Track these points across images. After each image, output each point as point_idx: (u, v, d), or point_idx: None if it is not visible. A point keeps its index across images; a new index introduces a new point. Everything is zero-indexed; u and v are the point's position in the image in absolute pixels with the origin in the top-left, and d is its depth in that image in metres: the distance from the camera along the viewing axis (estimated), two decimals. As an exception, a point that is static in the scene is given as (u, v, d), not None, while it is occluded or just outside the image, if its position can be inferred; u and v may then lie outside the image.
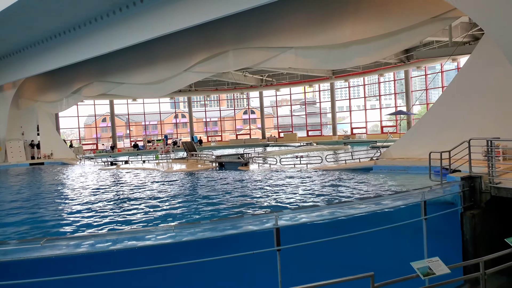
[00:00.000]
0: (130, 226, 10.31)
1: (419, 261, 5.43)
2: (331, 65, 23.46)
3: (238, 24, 21.69)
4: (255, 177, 17.95)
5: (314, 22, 19.41)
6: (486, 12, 11.42)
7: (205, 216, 10.98)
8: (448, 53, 20.96)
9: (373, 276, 5.04)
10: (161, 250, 6.81)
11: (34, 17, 21.02)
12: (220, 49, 23.47)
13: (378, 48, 18.91)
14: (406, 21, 16.84)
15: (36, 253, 6.13)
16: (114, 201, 13.89)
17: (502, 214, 9.40)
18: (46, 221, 11.46)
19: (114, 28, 21.16)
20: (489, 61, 14.08)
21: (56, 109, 35.88)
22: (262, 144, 41.72)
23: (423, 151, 14.51)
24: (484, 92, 14.37)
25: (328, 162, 20.86)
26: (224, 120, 53.48)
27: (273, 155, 26.21)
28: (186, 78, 26.90)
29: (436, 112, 16.36)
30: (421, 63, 32.35)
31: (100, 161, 29.66)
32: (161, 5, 18.71)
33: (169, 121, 59.20)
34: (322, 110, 50.18)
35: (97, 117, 48.10)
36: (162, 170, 22.62)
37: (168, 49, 25.54)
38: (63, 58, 25.09)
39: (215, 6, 17.11)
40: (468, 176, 9.57)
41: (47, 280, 5.86)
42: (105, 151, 41.35)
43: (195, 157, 27.41)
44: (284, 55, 21.46)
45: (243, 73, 39.66)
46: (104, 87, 31.05)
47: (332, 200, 11.95)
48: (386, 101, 53.24)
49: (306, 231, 7.78)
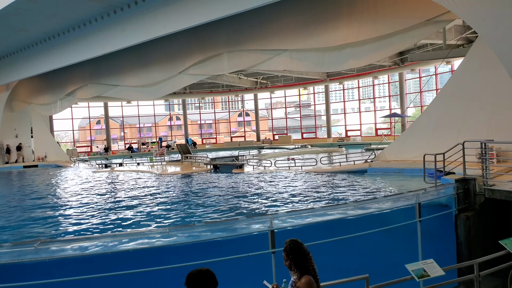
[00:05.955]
0: (125, 229, 10.27)
1: (414, 263, 5.44)
2: (326, 67, 23.43)
3: (232, 27, 21.68)
4: (249, 179, 17.94)
5: (308, 25, 19.44)
6: (480, 14, 11.47)
7: (200, 219, 10.96)
8: (442, 55, 21.04)
9: (367, 278, 5.05)
10: (156, 253, 6.79)
11: (27, 19, 20.90)
12: (215, 52, 23.45)
13: (372, 51, 18.96)
14: (400, 24, 16.89)
15: (30, 256, 6.10)
16: (108, 204, 13.84)
17: (496, 216, 9.45)
18: (40, 224, 11.39)
19: (109, 30, 21.08)
20: (483, 64, 14.16)
21: (50, 111, 35.66)
22: (256, 146, 41.67)
23: (417, 154, 14.55)
24: (478, 95, 14.43)
25: (322, 164, 20.89)
26: (218, 123, 53.45)
27: (268, 157, 26.23)
28: (181, 80, 26.84)
29: (430, 115, 16.42)
30: (415, 66, 32.48)
31: (94, 163, 29.54)
32: (156, 8, 18.67)
33: (163, 123, 59.05)
34: (316, 112, 50.19)
35: (91, 120, 47.90)
36: (156, 172, 22.55)
37: (162, 52, 25.49)
38: (57, 60, 24.97)
39: (209, 9, 17.09)
40: (462, 178, 9.60)
41: (42, 283, 5.82)
42: (99, 153, 41.18)
43: (189, 159, 27.36)
44: (279, 58, 21.47)
45: (238, 75, 39.64)
46: (98, 89, 30.93)
47: (326, 202, 11.96)
48: (381, 103, 53.36)
49: (300, 233, 7.77)
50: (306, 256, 4.08)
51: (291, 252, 4.09)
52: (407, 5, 16.51)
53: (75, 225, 11.03)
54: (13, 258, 6.16)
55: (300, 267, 4.04)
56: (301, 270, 4.03)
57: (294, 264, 4.06)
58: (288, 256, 4.10)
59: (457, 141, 10.38)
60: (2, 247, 6.51)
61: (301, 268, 4.03)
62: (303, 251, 4.11)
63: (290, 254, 4.09)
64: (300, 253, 4.09)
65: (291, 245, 4.14)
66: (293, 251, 4.09)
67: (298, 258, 4.06)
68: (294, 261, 4.06)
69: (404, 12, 16.62)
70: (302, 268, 4.03)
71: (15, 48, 27.16)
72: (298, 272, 4.05)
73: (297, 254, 4.07)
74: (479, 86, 14.43)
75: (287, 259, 4.11)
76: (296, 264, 4.06)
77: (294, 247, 4.12)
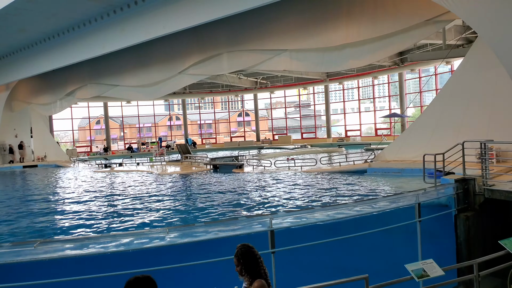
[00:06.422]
0: (124, 229, 10.26)
1: (413, 263, 5.43)
2: (325, 67, 23.44)
3: (232, 27, 21.69)
4: (249, 179, 17.94)
5: (308, 25, 19.44)
6: (479, 14, 11.48)
7: (199, 219, 10.96)
8: (442, 55, 21.04)
9: (367, 278, 5.05)
10: (155, 253, 6.78)
11: (27, 19, 20.89)
12: (214, 52, 23.46)
13: (372, 51, 18.97)
14: (400, 24, 16.90)
15: (30, 255, 6.10)
16: (107, 204, 13.84)
17: (496, 216, 9.45)
18: (40, 224, 11.39)
19: (108, 30, 21.07)
20: (483, 64, 14.16)
21: (49, 111, 35.65)
22: (256, 146, 41.67)
23: (417, 154, 14.55)
24: (478, 95, 14.44)
25: (322, 164, 20.89)
26: (218, 123, 53.42)
27: (268, 157, 26.23)
28: (180, 80, 26.85)
29: (430, 115, 16.42)
30: (415, 66, 32.49)
31: (94, 163, 29.53)
32: (155, 8, 18.67)
33: (163, 123, 59.00)
34: (316, 112, 50.24)
35: (91, 120, 47.88)
36: (156, 172, 22.55)
37: (162, 52, 25.48)
38: (56, 60, 24.96)
39: (209, 9, 17.10)
40: (462, 178, 9.61)
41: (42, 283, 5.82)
42: (99, 153, 41.16)
43: (189, 159, 27.36)
44: (279, 58, 21.48)
45: (238, 75, 39.64)
46: (98, 89, 30.93)
47: (326, 202, 11.96)
48: (380, 103, 53.37)
49: (300, 233, 7.77)
50: (257, 260, 4.07)
51: (242, 257, 4.08)
52: (406, 5, 16.51)
53: (75, 225, 11.03)
54: (13, 258, 6.15)
55: (251, 272, 4.02)
56: (252, 275, 4.02)
57: (245, 269, 4.04)
58: (239, 261, 4.08)
59: (457, 141, 10.38)
60: (2, 247, 6.51)
61: (253, 272, 4.02)
62: (254, 255, 4.09)
63: (241, 258, 4.08)
64: (251, 257, 4.07)
65: (242, 250, 4.12)
66: (244, 256, 4.08)
67: (249, 262, 4.04)
68: (245, 266, 4.04)
69: (404, 12, 16.62)
70: (253, 272, 4.02)
71: (15, 48, 27.15)
72: (249, 277, 4.04)
73: (248, 258, 4.06)
74: (479, 86, 14.44)
75: (238, 264, 4.09)
76: (247, 268, 4.04)
77: (245, 251, 4.10)
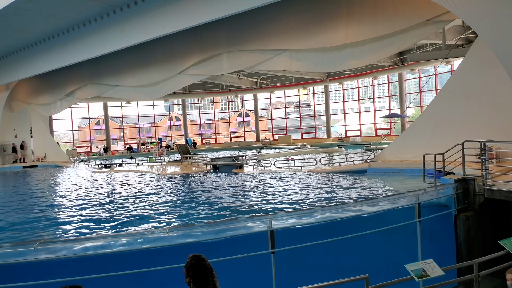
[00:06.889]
0: (124, 229, 10.26)
1: (413, 263, 5.44)
2: (325, 67, 23.44)
3: (232, 27, 21.68)
4: (249, 179, 17.94)
5: (308, 25, 19.44)
6: (479, 15, 11.48)
7: (200, 219, 10.96)
8: (441, 56, 21.04)
9: (367, 279, 5.05)
10: (155, 253, 6.79)
11: (27, 20, 20.88)
12: (214, 52, 23.45)
13: (371, 51, 18.96)
14: (400, 24, 16.90)
15: (30, 256, 6.10)
16: (107, 204, 13.83)
17: (496, 216, 9.45)
18: (40, 224, 11.39)
19: (108, 30, 21.07)
20: (483, 64, 14.16)
21: (49, 111, 35.62)
22: (256, 146, 41.67)
23: (417, 154, 14.55)
24: (478, 95, 14.44)
25: (322, 164, 20.89)
26: (218, 123, 53.43)
27: (268, 157, 26.23)
28: (180, 80, 26.85)
29: (430, 115, 16.42)
30: (415, 66, 32.49)
31: (94, 163, 29.53)
32: (155, 8, 18.66)
33: (163, 123, 58.98)
34: (316, 112, 50.23)
35: (91, 120, 47.88)
36: (156, 172, 22.55)
37: (162, 52, 25.48)
38: (56, 61, 24.95)
39: (209, 9, 17.09)
40: (462, 178, 9.62)
41: (42, 283, 5.83)
42: (99, 153, 41.15)
43: (189, 159, 27.36)
44: (278, 58, 21.48)
45: (238, 75, 39.65)
46: (97, 89, 30.92)
47: (326, 202, 11.96)
48: (380, 103, 53.39)
49: (300, 234, 7.78)
50: (207, 273, 3.85)
51: (191, 269, 3.86)
52: (406, 5, 16.51)
53: (75, 225, 11.03)
54: (13, 258, 6.16)
55: (199, 286, 3.80)
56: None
57: (194, 281, 3.81)
58: (188, 272, 3.86)
59: (457, 141, 10.39)
60: (2, 247, 6.51)
61: (201, 286, 3.79)
62: (204, 267, 3.87)
63: (190, 271, 3.85)
64: (201, 270, 3.85)
65: (192, 262, 3.90)
66: (194, 268, 3.86)
67: (198, 275, 3.82)
68: (193, 279, 3.81)
69: (403, 12, 16.63)
70: (202, 286, 3.79)
71: (15, 48, 27.13)
72: None
73: (197, 271, 3.84)
74: (478, 86, 14.43)
75: (187, 275, 3.86)
76: (195, 281, 3.81)
77: (195, 264, 3.88)
